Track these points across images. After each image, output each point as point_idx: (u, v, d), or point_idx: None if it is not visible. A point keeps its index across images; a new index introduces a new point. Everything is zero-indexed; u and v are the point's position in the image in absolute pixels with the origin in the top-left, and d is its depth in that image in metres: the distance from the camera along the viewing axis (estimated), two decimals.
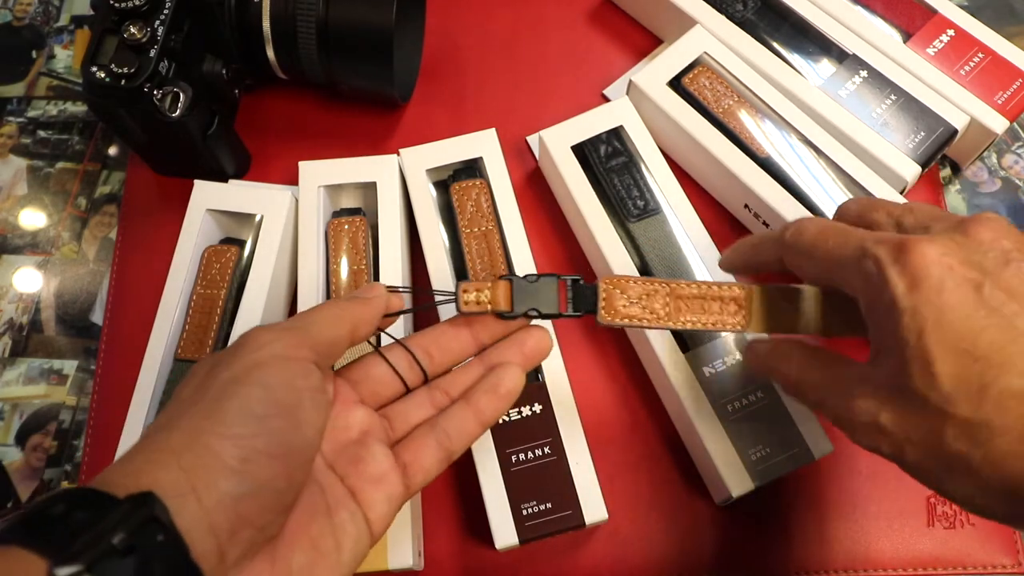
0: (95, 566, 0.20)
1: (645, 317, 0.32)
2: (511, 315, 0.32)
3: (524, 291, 0.32)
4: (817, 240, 0.30)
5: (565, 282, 0.33)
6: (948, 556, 0.41)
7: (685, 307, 0.33)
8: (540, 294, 0.32)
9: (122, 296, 0.48)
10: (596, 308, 0.32)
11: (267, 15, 0.45)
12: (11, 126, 0.54)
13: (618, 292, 0.32)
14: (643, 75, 0.47)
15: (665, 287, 0.33)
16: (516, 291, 0.32)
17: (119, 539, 0.20)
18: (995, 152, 0.52)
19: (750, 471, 0.38)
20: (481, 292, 0.32)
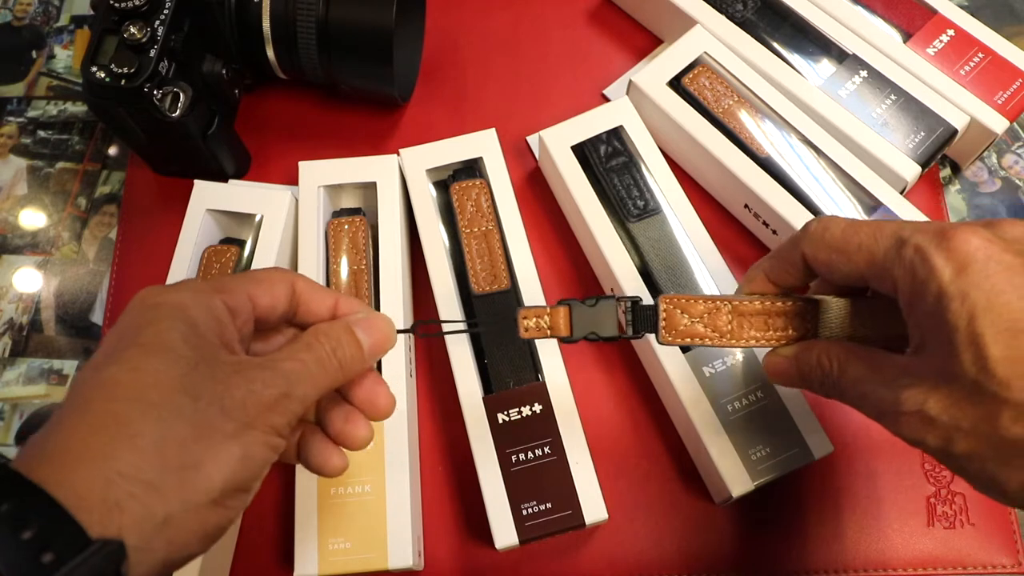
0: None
1: (708, 336, 0.32)
2: (571, 339, 0.32)
3: (583, 315, 0.32)
4: (847, 234, 0.29)
5: (624, 303, 0.33)
6: (948, 556, 0.41)
7: (748, 324, 0.32)
8: (599, 317, 0.32)
9: (122, 296, 0.48)
10: (657, 328, 0.32)
11: (267, 15, 0.45)
12: (11, 126, 0.54)
13: (678, 312, 0.32)
14: (643, 75, 0.47)
15: (727, 304, 0.32)
16: (575, 316, 0.32)
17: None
18: (995, 152, 0.52)
19: (750, 471, 0.38)
20: (541, 318, 0.32)
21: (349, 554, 0.37)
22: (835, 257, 0.30)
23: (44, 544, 0.20)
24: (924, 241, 0.26)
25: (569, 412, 0.39)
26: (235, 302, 0.27)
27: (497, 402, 0.39)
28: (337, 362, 0.28)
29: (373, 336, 0.30)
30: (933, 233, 0.26)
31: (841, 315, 0.32)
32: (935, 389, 0.26)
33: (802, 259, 0.31)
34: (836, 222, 0.30)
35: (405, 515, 0.38)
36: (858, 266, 0.29)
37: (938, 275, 0.25)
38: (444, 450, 0.43)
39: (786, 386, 0.33)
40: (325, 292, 0.31)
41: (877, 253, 0.28)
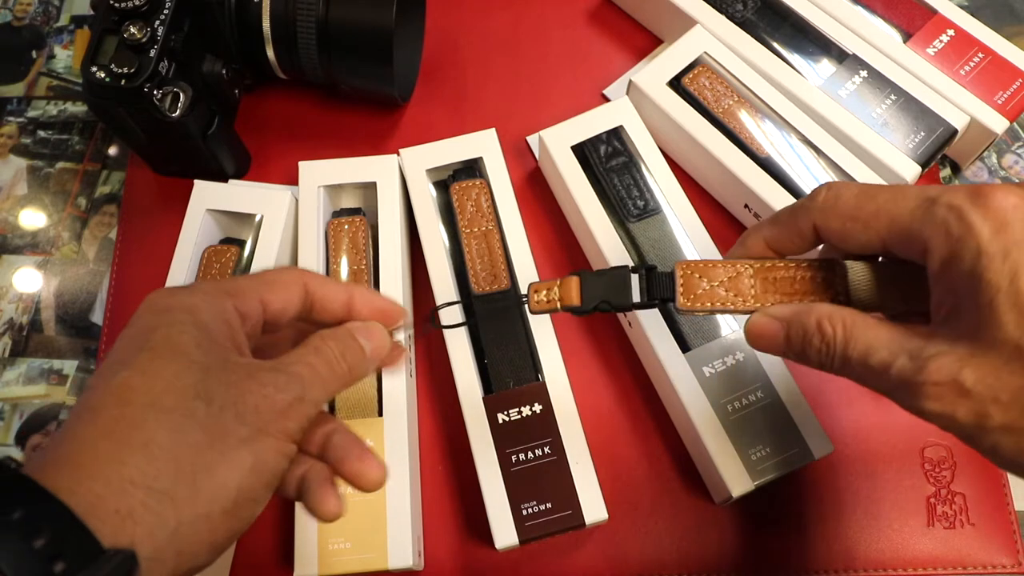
0: None
1: (731, 300, 0.30)
2: (582, 310, 0.31)
3: (595, 285, 0.31)
4: (861, 200, 0.27)
5: (638, 271, 0.31)
6: (948, 556, 0.41)
7: (773, 288, 0.30)
8: (612, 286, 0.31)
9: (122, 296, 0.48)
10: (674, 295, 0.30)
11: (267, 15, 0.45)
12: (11, 126, 0.54)
13: (696, 276, 0.30)
14: (643, 75, 0.47)
15: (749, 268, 0.30)
16: (586, 285, 0.31)
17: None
18: (995, 152, 0.52)
19: (750, 471, 0.38)
20: (551, 290, 0.31)
21: (349, 554, 0.37)
22: (850, 225, 0.28)
23: (56, 552, 0.20)
24: (958, 199, 0.24)
25: (569, 412, 0.39)
26: (246, 306, 0.27)
27: (497, 402, 0.39)
28: (346, 366, 0.28)
29: (373, 341, 0.29)
30: (967, 192, 0.25)
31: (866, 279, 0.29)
32: (971, 356, 0.24)
33: (812, 229, 0.29)
34: (848, 188, 0.28)
35: (405, 515, 0.38)
36: (878, 232, 0.27)
37: (976, 232, 0.24)
38: (444, 450, 0.43)
39: (768, 352, 0.30)
40: (338, 287, 0.30)
41: (901, 216, 0.26)
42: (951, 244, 0.24)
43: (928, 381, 0.24)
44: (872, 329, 0.27)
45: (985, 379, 0.23)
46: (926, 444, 0.43)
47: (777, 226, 0.30)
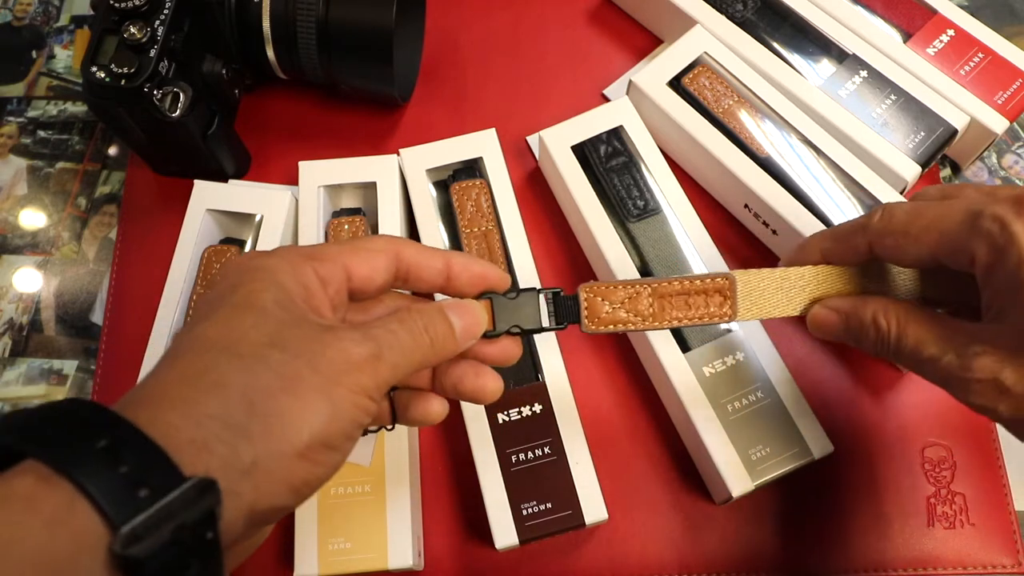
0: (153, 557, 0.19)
1: (631, 321, 0.32)
2: (493, 334, 0.31)
3: (505, 308, 0.31)
4: (912, 217, 0.29)
5: (546, 295, 0.32)
6: (948, 556, 0.41)
7: (670, 305, 0.32)
8: (521, 310, 0.31)
9: (122, 296, 0.48)
10: (580, 318, 0.32)
11: (267, 15, 0.45)
12: (11, 126, 0.54)
13: (599, 299, 0.32)
14: (643, 75, 0.47)
15: (647, 288, 0.32)
16: (497, 309, 0.31)
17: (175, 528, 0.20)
18: (995, 152, 0.52)
19: (750, 471, 0.38)
20: None
21: (349, 554, 0.37)
22: (902, 241, 0.29)
23: (139, 479, 0.20)
24: (1002, 210, 0.26)
25: (569, 412, 0.39)
26: (327, 271, 0.27)
27: (497, 402, 0.39)
28: (429, 338, 0.27)
29: (464, 319, 0.29)
30: (1010, 201, 0.26)
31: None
32: (1012, 357, 0.26)
33: (867, 247, 0.31)
34: (900, 207, 0.30)
35: (405, 515, 0.38)
36: (928, 246, 0.28)
37: (1019, 241, 0.25)
38: (444, 450, 0.43)
39: (828, 339, 0.33)
40: (434, 255, 0.30)
41: (949, 229, 0.28)
42: (995, 253, 0.26)
43: (972, 378, 0.26)
44: (924, 324, 0.29)
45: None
46: (926, 444, 0.43)
47: (836, 241, 0.33)
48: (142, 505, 0.20)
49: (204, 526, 0.21)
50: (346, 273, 0.28)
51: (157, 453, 0.21)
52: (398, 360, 0.26)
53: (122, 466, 0.20)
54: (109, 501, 0.19)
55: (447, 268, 0.30)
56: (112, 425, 0.21)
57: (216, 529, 0.21)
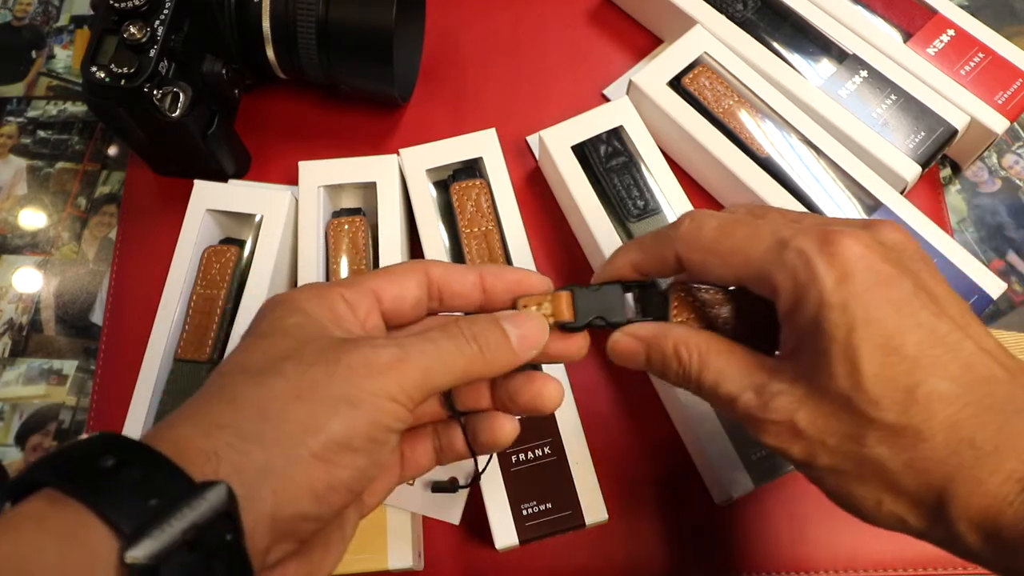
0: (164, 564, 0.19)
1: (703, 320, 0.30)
2: (575, 326, 0.30)
3: (587, 300, 0.30)
4: (721, 233, 0.28)
5: (631, 288, 0.31)
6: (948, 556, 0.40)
7: None
8: (604, 302, 0.30)
9: (122, 296, 0.48)
10: (667, 314, 0.30)
11: (267, 15, 0.45)
12: (11, 126, 0.54)
13: (690, 297, 0.31)
14: (643, 75, 0.47)
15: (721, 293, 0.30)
16: (578, 300, 0.30)
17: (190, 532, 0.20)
18: (995, 152, 0.52)
19: (750, 471, 0.38)
20: (541, 305, 0.30)
21: (349, 554, 0.37)
22: (709, 259, 0.28)
23: (149, 490, 0.20)
24: (807, 245, 0.25)
25: (569, 412, 0.39)
26: (354, 295, 0.27)
27: None
28: (477, 347, 0.26)
29: (522, 328, 0.28)
30: (815, 237, 0.25)
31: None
32: (806, 400, 0.25)
33: (675, 257, 0.29)
34: (709, 221, 0.28)
35: (405, 515, 0.38)
36: (734, 269, 0.27)
37: (820, 281, 0.24)
38: None
39: (632, 368, 0.31)
40: (465, 270, 0.29)
41: (755, 255, 0.27)
42: (797, 290, 0.25)
43: (768, 419, 0.26)
44: (724, 356, 0.28)
45: (816, 422, 0.25)
46: None
47: (643, 250, 0.31)
48: (153, 514, 0.19)
49: (222, 528, 0.20)
50: (375, 295, 0.28)
51: (165, 464, 0.21)
52: (431, 364, 0.25)
53: (130, 479, 0.20)
54: (117, 512, 0.19)
55: (480, 280, 0.29)
56: (119, 445, 0.21)
57: (237, 530, 0.21)
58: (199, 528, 0.20)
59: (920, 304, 0.24)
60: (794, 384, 0.25)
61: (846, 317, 0.24)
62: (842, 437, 0.24)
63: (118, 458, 0.20)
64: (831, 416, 0.25)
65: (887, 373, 0.24)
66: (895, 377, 0.24)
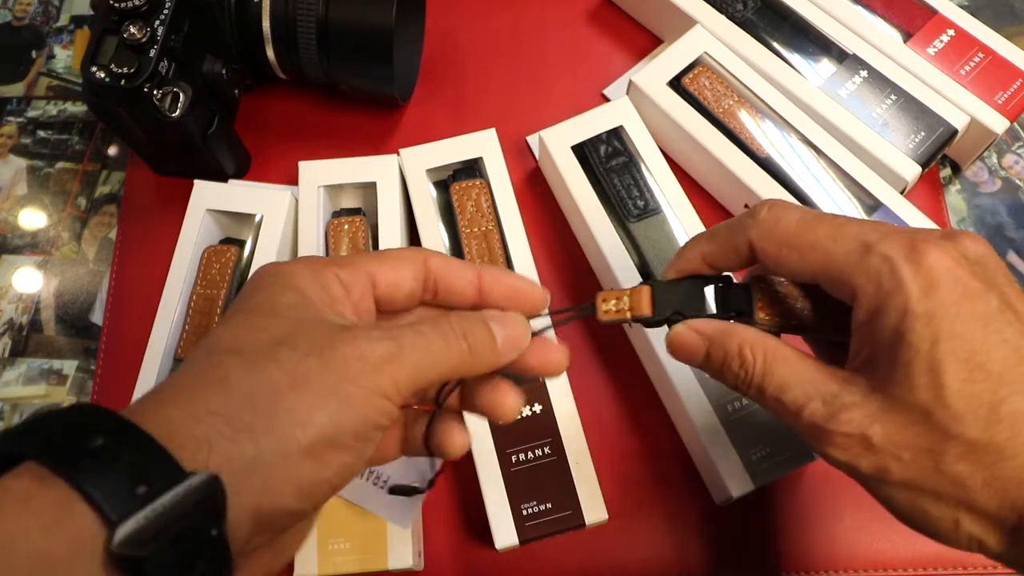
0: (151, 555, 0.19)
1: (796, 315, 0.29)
2: (654, 321, 0.29)
3: (666, 294, 0.30)
4: (802, 227, 0.27)
5: (711, 283, 0.30)
6: (948, 556, 0.41)
7: None
8: (684, 296, 0.30)
9: (122, 296, 0.48)
10: (751, 308, 0.29)
11: (267, 15, 0.45)
12: (11, 126, 0.54)
13: (772, 291, 0.30)
14: (643, 75, 0.47)
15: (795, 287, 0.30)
16: (657, 295, 0.30)
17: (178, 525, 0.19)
18: (995, 152, 0.52)
19: (750, 471, 0.38)
20: (620, 299, 0.30)
21: (349, 554, 0.37)
22: (786, 252, 0.27)
23: (138, 476, 0.19)
24: (894, 252, 0.25)
25: (569, 412, 0.39)
26: (349, 276, 0.26)
27: None
28: (466, 345, 0.26)
29: (507, 329, 0.27)
30: (903, 245, 0.25)
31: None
32: (882, 412, 0.24)
33: (748, 247, 0.28)
34: (789, 213, 0.28)
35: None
36: (811, 266, 0.27)
37: (906, 290, 0.24)
38: None
39: (688, 363, 0.30)
40: (464, 266, 0.29)
41: (836, 255, 0.26)
42: (880, 297, 0.25)
43: (837, 431, 0.25)
44: (792, 364, 0.27)
45: (891, 436, 0.24)
46: None
47: (714, 241, 0.30)
48: (141, 502, 0.19)
49: (208, 523, 0.20)
50: (370, 279, 0.27)
51: (157, 449, 0.20)
52: (422, 361, 0.25)
53: (120, 463, 0.19)
54: (106, 499, 0.19)
55: (477, 280, 0.28)
56: (111, 424, 0.20)
57: (221, 527, 0.20)
58: (187, 521, 0.19)
59: (1006, 321, 0.24)
60: (868, 397, 0.25)
61: (931, 328, 0.23)
62: (918, 452, 0.24)
63: (106, 437, 0.20)
64: (908, 430, 0.24)
65: (970, 389, 0.23)
66: (979, 393, 0.23)
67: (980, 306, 0.24)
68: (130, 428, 0.20)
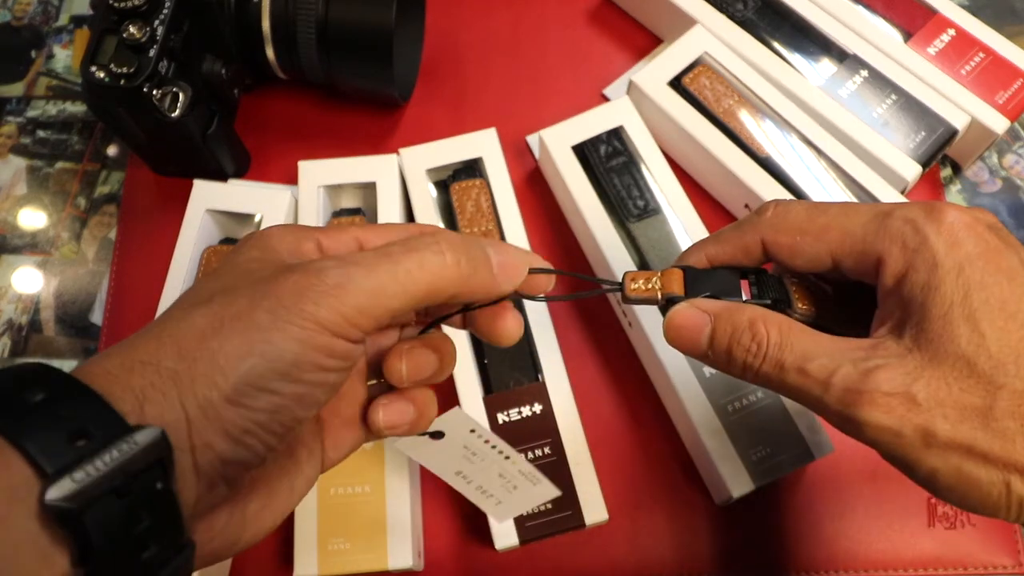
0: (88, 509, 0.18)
1: None
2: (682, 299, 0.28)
3: (698, 277, 0.29)
4: (814, 212, 0.27)
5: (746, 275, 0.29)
6: (948, 556, 0.41)
7: None
8: (717, 282, 0.29)
9: (122, 296, 0.48)
10: (789, 297, 0.28)
11: (267, 15, 0.45)
12: (11, 126, 0.54)
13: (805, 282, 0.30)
14: (643, 75, 0.47)
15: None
16: (689, 277, 0.29)
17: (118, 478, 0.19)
18: (996, 152, 0.52)
19: (750, 471, 0.38)
20: (650, 280, 0.29)
21: (349, 554, 0.37)
22: (800, 239, 0.27)
23: (78, 430, 0.19)
24: (913, 213, 0.25)
25: (569, 412, 0.39)
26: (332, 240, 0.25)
27: (497, 402, 0.39)
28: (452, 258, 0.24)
29: (503, 256, 0.25)
30: (921, 207, 0.25)
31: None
32: (923, 368, 0.23)
33: (759, 245, 0.28)
34: (797, 205, 0.28)
35: (405, 515, 0.38)
36: (828, 245, 0.27)
37: (932, 245, 0.24)
38: None
39: (685, 351, 0.28)
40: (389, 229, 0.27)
41: (854, 229, 0.26)
42: (907, 255, 0.25)
43: (878, 390, 0.23)
44: (810, 335, 0.26)
45: (936, 392, 0.23)
46: None
47: (720, 243, 0.29)
48: (79, 456, 0.18)
49: (152, 477, 0.19)
50: (357, 244, 0.26)
51: (97, 402, 0.20)
52: (384, 283, 0.22)
53: (59, 418, 0.19)
54: (42, 453, 0.18)
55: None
56: (50, 378, 0.20)
57: (168, 480, 0.20)
58: (128, 474, 0.19)
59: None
60: (905, 356, 0.24)
61: (962, 279, 0.23)
62: (965, 409, 0.23)
63: (47, 392, 0.19)
64: (953, 385, 0.23)
65: (1008, 339, 0.23)
66: (1016, 344, 0.23)
67: (1004, 261, 0.24)
68: (71, 382, 0.20)
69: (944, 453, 0.23)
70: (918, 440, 0.23)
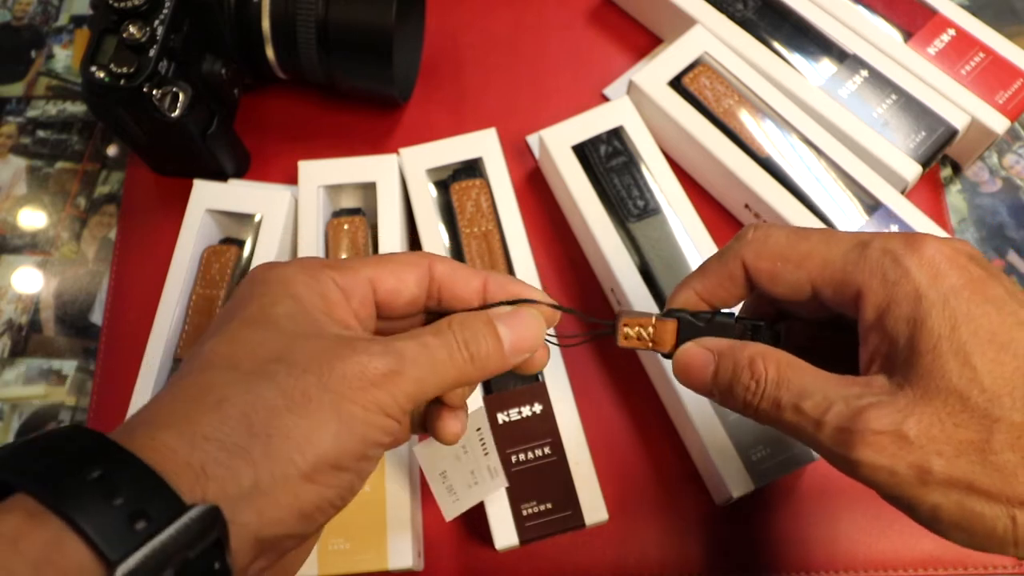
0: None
1: None
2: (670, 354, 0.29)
3: (692, 331, 0.29)
4: (795, 238, 0.27)
5: (745, 326, 0.29)
6: (948, 556, 0.41)
7: None
8: (711, 334, 0.29)
9: (121, 296, 0.48)
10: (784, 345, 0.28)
11: (267, 15, 0.45)
12: (10, 126, 0.54)
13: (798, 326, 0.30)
14: (643, 75, 0.47)
15: None
16: (683, 330, 0.29)
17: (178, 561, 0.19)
18: (996, 152, 0.52)
19: (750, 471, 0.38)
20: (644, 328, 0.29)
21: (349, 554, 0.37)
22: (781, 265, 0.27)
23: (137, 511, 0.19)
24: (892, 245, 0.24)
25: (569, 412, 0.39)
26: (348, 281, 0.26)
27: (497, 402, 0.39)
28: (468, 355, 0.25)
29: (516, 331, 0.26)
30: (899, 239, 0.25)
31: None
32: (914, 405, 0.23)
33: (742, 270, 0.28)
34: (777, 230, 0.28)
35: (405, 515, 0.38)
36: (809, 273, 0.26)
37: (914, 278, 0.24)
38: None
39: (691, 387, 0.28)
40: (471, 273, 0.28)
41: (834, 258, 0.26)
42: (887, 289, 0.24)
43: (868, 429, 0.23)
44: (807, 372, 0.25)
45: (929, 430, 0.22)
46: None
47: (706, 275, 0.29)
48: (140, 539, 0.18)
49: (211, 557, 0.19)
50: (371, 285, 0.26)
51: (155, 481, 0.19)
52: (424, 375, 0.24)
53: (117, 497, 0.19)
54: (103, 536, 0.18)
55: (483, 287, 0.28)
56: (106, 453, 0.20)
57: (225, 560, 0.20)
58: (188, 556, 0.19)
59: (1018, 304, 0.23)
60: (896, 393, 0.23)
61: (948, 312, 0.23)
62: (961, 444, 0.22)
63: (105, 468, 0.19)
64: (947, 421, 0.22)
65: (1001, 370, 0.22)
66: (1010, 375, 0.22)
67: (989, 291, 0.23)
68: (127, 458, 0.20)
69: (944, 489, 0.23)
70: (913, 478, 0.23)
